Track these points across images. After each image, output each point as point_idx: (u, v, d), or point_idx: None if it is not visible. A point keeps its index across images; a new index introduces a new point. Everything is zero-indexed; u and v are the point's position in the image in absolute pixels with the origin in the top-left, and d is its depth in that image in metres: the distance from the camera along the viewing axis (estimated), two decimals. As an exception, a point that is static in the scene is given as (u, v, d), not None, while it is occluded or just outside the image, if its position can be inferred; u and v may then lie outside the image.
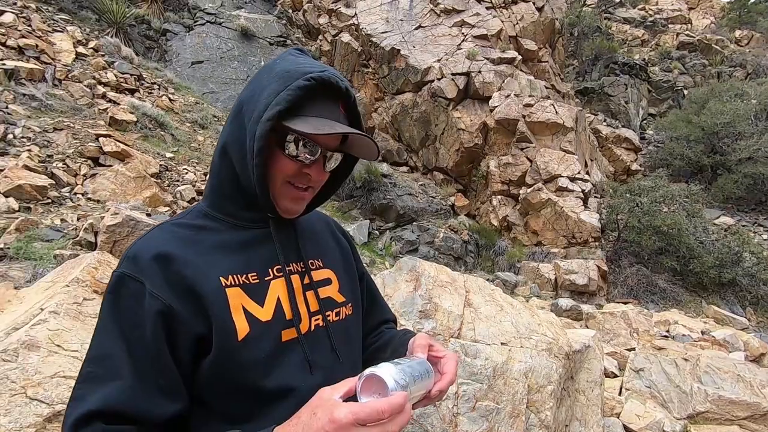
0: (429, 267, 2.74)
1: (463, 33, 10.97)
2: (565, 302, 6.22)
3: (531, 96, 9.81)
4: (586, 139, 10.99)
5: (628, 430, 3.37)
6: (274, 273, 0.78)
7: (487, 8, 11.49)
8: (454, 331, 2.42)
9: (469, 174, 10.20)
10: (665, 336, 5.58)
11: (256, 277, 0.76)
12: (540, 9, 11.98)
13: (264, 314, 0.74)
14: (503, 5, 11.62)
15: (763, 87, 14.50)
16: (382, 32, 11.03)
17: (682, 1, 24.31)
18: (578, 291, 7.49)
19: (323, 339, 0.80)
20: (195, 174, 7.05)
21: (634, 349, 4.83)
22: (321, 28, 12.56)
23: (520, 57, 10.79)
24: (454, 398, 2.22)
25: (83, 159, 5.67)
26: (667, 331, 5.81)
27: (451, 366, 0.75)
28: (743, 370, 3.71)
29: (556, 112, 9.44)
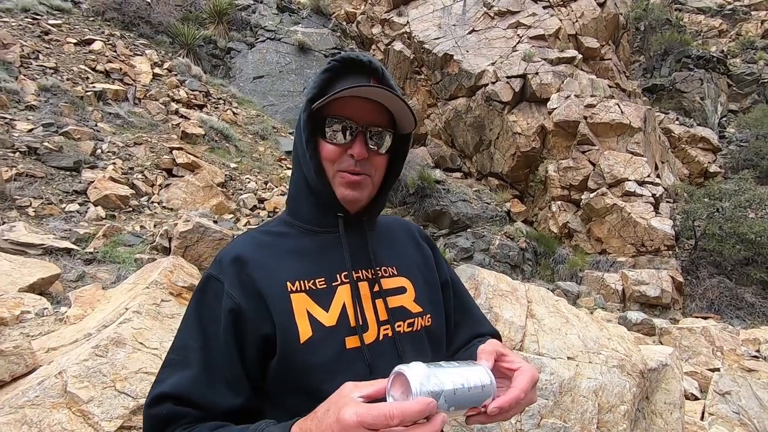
0: (488, 275, 2.66)
1: (518, 34, 10.67)
2: (635, 315, 5.78)
3: (593, 96, 9.30)
4: (656, 139, 10.22)
5: (714, 460, 3.04)
6: (342, 279, 0.78)
7: (544, 7, 11.10)
8: (516, 343, 2.32)
9: (526, 179, 9.85)
10: (755, 356, 5.00)
11: (323, 282, 0.77)
12: (602, 4, 11.38)
13: (328, 319, 0.74)
14: (561, 3, 11.18)
15: None
16: (435, 38, 11.01)
17: (767, -15, 21.98)
18: (649, 303, 6.93)
19: (390, 350, 0.78)
20: (256, 183, 7.42)
21: (718, 369, 4.37)
22: (374, 38, 12.79)
23: (580, 56, 10.30)
24: (518, 414, 2.13)
25: (159, 170, 6.18)
26: (757, 350, 5.20)
27: (521, 381, 0.64)
28: None
29: (622, 112, 8.87)
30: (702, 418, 3.56)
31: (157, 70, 9.14)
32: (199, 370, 0.69)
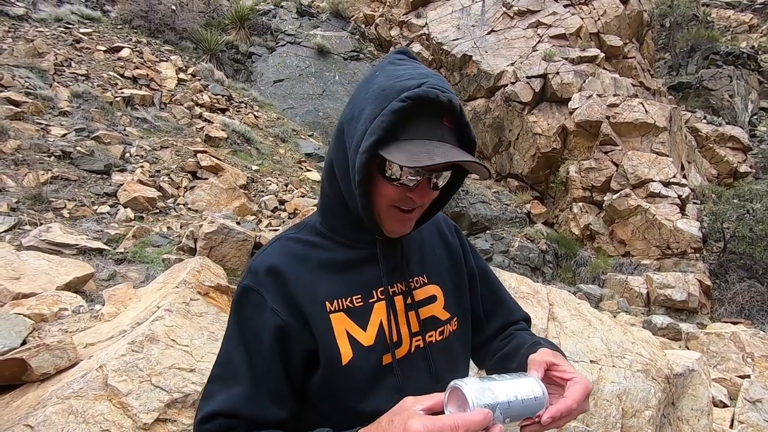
0: (509, 277, 2.66)
1: (538, 34, 10.55)
2: (660, 319, 5.64)
3: (616, 95, 9.12)
4: (682, 139, 9.94)
5: (744, 469, 2.96)
6: (378, 295, 0.78)
7: (565, 6, 10.95)
8: (537, 345, 2.31)
9: (546, 180, 9.72)
10: (788, 364, 4.82)
11: (360, 300, 0.77)
12: (625, 2, 11.15)
13: (366, 339, 0.75)
14: (583, 2, 11.00)
15: None
16: (453, 39, 10.99)
17: (801, -23, 21.09)
18: (675, 308, 6.75)
19: (421, 361, 0.80)
20: (277, 185, 7.55)
21: (748, 376, 4.24)
22: (392, 40, 12.84)
23: (602, 54, 10.12)
24: (538, 416, 2.13)
25: (184, 173, 6.36)
26: (790, 358, 5.00)
27: (574, 391, 0.64)
28: None
29: (646, 112, 8.67)
30: (731, 426, 3.46)
31: (182, 75, 9.40)
32: (248, 386, 0.71)
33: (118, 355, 1.52)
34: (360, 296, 0.77)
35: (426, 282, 0.85)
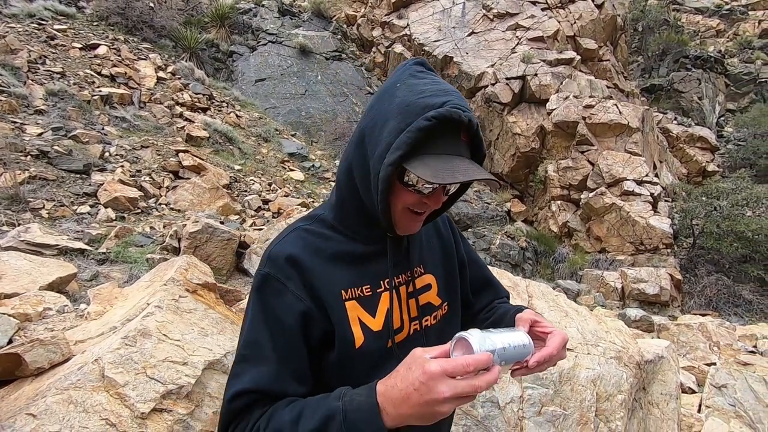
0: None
1: (517, 36, 10.80)
2: (634, 312, 5.88)
3: (591, 97, 9.42)
4: (654, 139, 10.33)
5: (710, 450, 3.14)
6: (385, 286, 0.87)
7: (543, 9, 11.23)
8: (517, 335, 2.42)
9: (526, 179, 9.96)
10: (752, 351, 5.10)
11: (369, 290, 0.85)
12: (600, 6, 11.51)
13: (375, 325, 0.84)
14: (560, 5, 11.30)
15: None
16: (435, 41, 11.14)
17: (764, -15, 22.10)
18: (648, 301, 7.04)
19: (418, 343, 0.87)
20: (260, 184, 7.53)
21: (714, 364, 4.47)
22: (374, 40, 12.92)
23: (578, 57, 10.43)
24: (519, 402, 2.23)
25: (166, 173, 6.29)
26: (754, 346, 5.30)
27: (554, 341, 0.76)
28: None
29: (620, 113, 8.99)
30: (699, 411, 3.65)
31: (161, 73, 9.26)
32: (274, 365, 0.76)
33: (112, 349, 1.56)
34: (369, 286, 0.85)
35: (423, 272, 0.95)
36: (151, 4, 10.88)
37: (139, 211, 5.34)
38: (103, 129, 6.79)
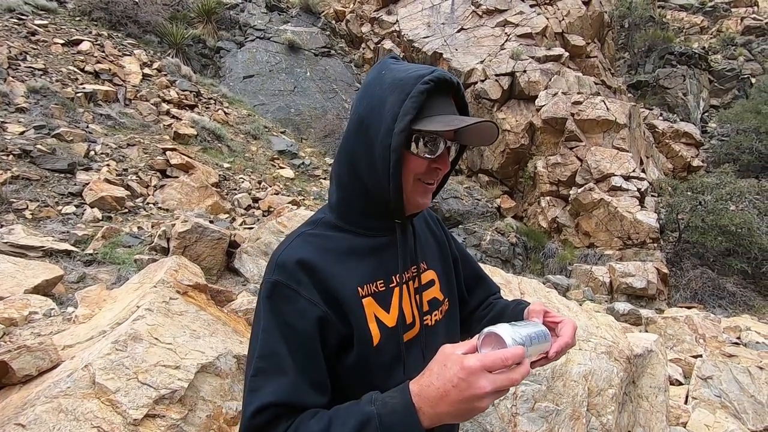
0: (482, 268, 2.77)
1: (506, 33, 10.83)
2: (622, 306, 5.98)
3: (580, 93, 9.51)
4: (641, 135, 10.47)
5: (697, 440, 3.21)
6: (396, 280, 0.86)
7: (531, 6, 11.28)
8: (510, 332, 2.44)
9: (516, 175, 10.03)
10: (736, 343, 5.22)
11: (382, 285, 0.84)
12: (587, 3, 11.60)
13: (390, 320, 0.83)
14: (548, 2, 11.36)
15: None
16: (424, 37, 11.12)
17: (746, -17, 22.49)
18: (636, 295, 7.16)
19: (426, 338, 0.89)
20: (250, 182, 7.46)
21: (700, 356, 4.57)
22: (363, 36, 12.85)
23: (567, 54, 10.50)
24: (512, 398, 2.25)
25: (153, 171, 6.19)
26: (738, 337, 5.42)
27: (567, 330, 0.79)
28: (828, 381, 3.43)
29: (607, 109, 9.09)
30: (686, 402, 3.73)
31: (147, 70, 9.09)
32: (293, 376, 0.73)
33: (102, 354, 1.53)
34: (382, 281, 0.84)
35: (426, 268, 0.95)
36: (136, -1, 10.67)
37: (127, 210, 5.25)
38: (88, 127, 6.65)
